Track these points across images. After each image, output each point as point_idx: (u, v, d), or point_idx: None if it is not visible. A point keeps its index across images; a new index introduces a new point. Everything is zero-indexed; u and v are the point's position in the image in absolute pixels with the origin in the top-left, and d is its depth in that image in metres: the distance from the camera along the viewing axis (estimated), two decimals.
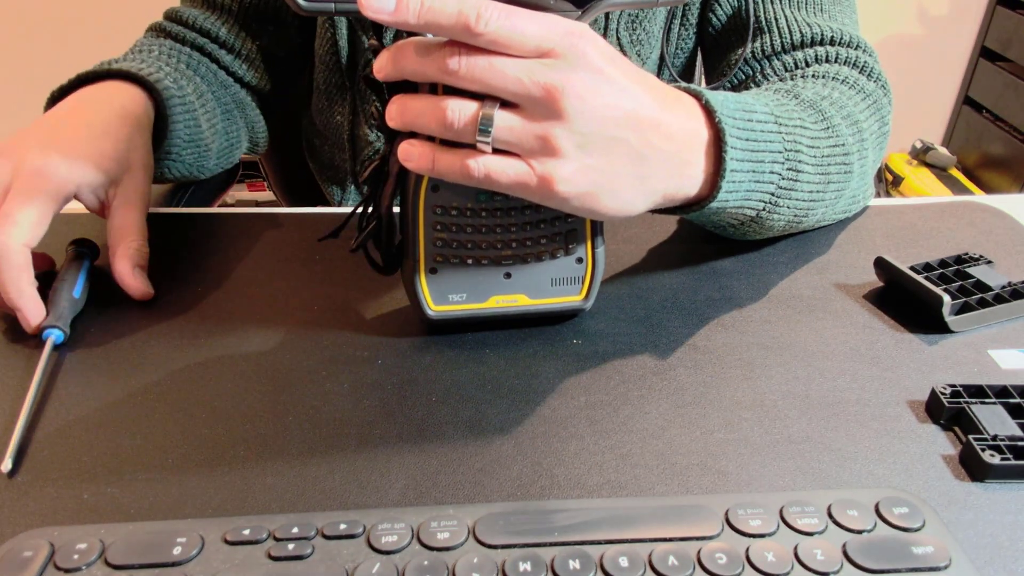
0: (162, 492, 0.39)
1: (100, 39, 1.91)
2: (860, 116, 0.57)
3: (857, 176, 0.57)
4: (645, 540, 0.35)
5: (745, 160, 0.47)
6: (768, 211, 0.51)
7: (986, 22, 2.09)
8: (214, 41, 0.72)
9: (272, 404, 0.45)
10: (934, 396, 0.44)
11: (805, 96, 0.56)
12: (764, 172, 0.49)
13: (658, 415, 0.44)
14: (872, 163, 0.60)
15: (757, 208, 0.51)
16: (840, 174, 0.55)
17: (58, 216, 0.51)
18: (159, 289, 0.54)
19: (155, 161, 0.59)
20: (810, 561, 0.34)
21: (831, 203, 0.56)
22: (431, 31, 0.37)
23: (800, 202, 0.53)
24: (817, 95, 0.56)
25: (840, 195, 0.57)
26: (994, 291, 0.52)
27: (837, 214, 0.60)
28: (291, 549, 0.34)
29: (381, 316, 0.52)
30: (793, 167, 0.50)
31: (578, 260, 0.49)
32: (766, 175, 0.49)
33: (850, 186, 0.57)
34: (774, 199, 0.51)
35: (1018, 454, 0.40)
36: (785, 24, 0.66)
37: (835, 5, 0.68)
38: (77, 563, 0.34)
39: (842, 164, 0.54)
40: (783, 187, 0.50)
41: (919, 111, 2.23)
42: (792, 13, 0.66)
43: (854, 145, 0.55)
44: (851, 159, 0.55)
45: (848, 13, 0.69)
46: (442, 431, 0.43)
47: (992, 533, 0.37)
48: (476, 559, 0.34)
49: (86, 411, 0.44)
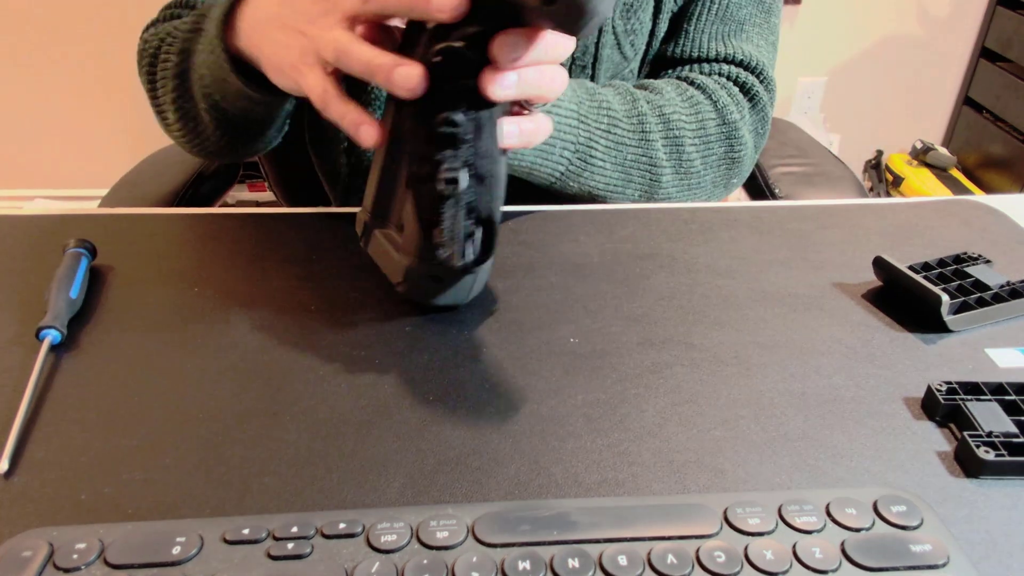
0: (160, 492, 0.39)
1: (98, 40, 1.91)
2: (688, 135, 0.68)
3: (672, 183, 0.69)
4: (644, 539, 0.35)
5: None
6: (560, 185, 0.65)
7: (986, 22, 2.09)
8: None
9: (270, 404, 0.45)
10: (930, 393, 0.44)
11: (641, 108, 0.66)
12: (554, 155, 0.62)
13: (655, 413, 0.44)
14: (709, 180, 0.71)
15: (549, 180, 0.64)
16: (646, 179, 0.68)
17: (54, 217, 0.51)
18: (158, 289, 0.54)
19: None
20: (809, 559, 0.34)
21: (644, 192, 0.68)
22: None
23: (596, 184, 0.66)
24: (655, 108, 0.67)
25: (653, 189, 0.68)
26: (992, 290, 0.52)
27: (671, 199, 0.70)
28: (290, 548, 0.34)
29: (379, 316, 0.52)
30: (583, 157, 0.64)
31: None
32: (555, 157, 0.62)
33: (663, 187, 0.69)
34: (563, 177, 0.64)
35: (1013, 450, 0.40)
36: (706, 39, 0.73)
37: (759, 33, 0.75)
38: (76, 563, 0.34)
39: (647, 169, 0.67)
40: (572, 170, 0.64)
41: (919, 111, 2.23)
42: (718, 28, 0.73)
43: (667, 160, 0.68)
44: (661, 170, 0.68)
45: (767, 43, 0.76)
46: (440, 430, 0.43)
47: (988, 529, 0.37)
48: (475, 558, 0.34)
49: (84, 411, 0.44)
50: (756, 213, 0.65)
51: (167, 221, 0.63)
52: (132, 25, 1.88)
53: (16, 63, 1.94)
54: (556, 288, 0.55)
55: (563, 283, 0.56)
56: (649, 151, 0.66)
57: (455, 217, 0.45)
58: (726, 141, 0.70)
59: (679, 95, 0.70)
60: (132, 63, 0.70)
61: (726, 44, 0.73)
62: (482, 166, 0.44)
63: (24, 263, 0.57)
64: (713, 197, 0.73)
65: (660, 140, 0.67)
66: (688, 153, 0.68)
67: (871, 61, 2.13)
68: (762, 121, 0.74)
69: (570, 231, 0.62)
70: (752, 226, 0.63)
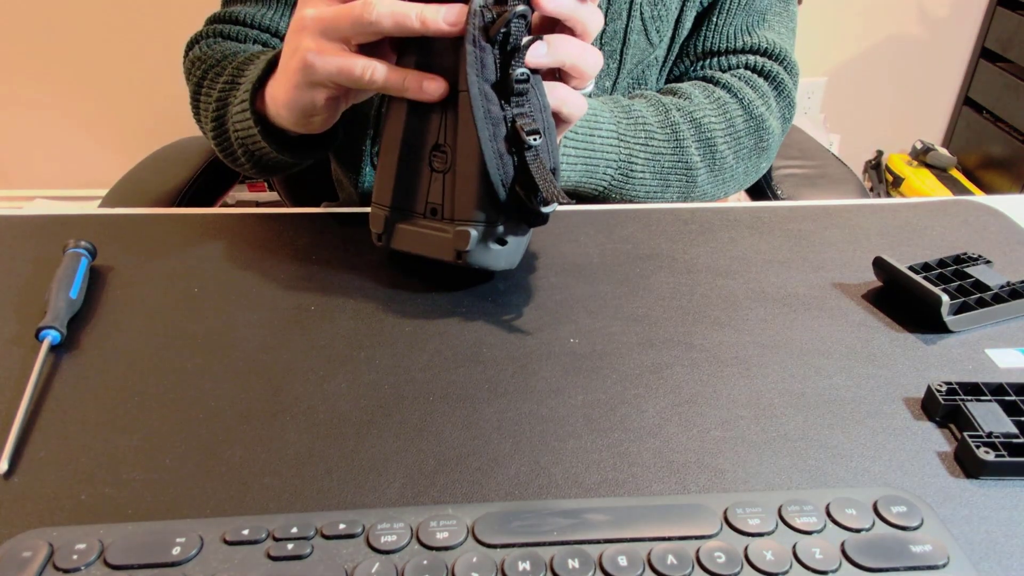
0: (160, 492, 0.39)
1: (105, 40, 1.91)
2: (718, 137, 0.72)
3: (707, 182, 0.74)
4: (644, 539, 0.35)
5: (578, 162, 0.66)
6: (605, 195, 0.70)
7: (986, 22, 2.09)
8: (275, 36, 0.72)
9: (270, 404, 0.45)
10: (930, 393, 0.44)
11: (673, 117, 0.70)
12: (598, 173, 0.68)
13: (655, 413, 0.44)
14: (741, 171, 0.76)
15: (593, 193, 0.70)
16: (683, 182, 0.72)
17: (55, 217, 0.51)
18: (158, 289, 0.54)
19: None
20: (809, 560, 0.34)
21: (682, 193, 0.73)
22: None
23: (637, 193, 0.71)
24: (686, 115, 0.71)
25: (689, 189, 0.73)
26: (993, 291, 0.52)
27: (707, 196, 0.75)
28: (290, 549, 0.34)
29: (379, 316, 0.52)
30: (624, 172, 0.69)
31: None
32: (599, 175, 0.68)
33: (698, 186, 0.73)
34: (606, 191, 0.70)
35: (1013, 451, 0.40)
36: (732, 32, 0.77)
37: (780, 20, 0.79)
38: (76, 563, 0.34)
39: (684, 173, 0.72)
40: (614, 185, 0.69)
41: (919, 112, 2.23)
42: (743, 20, 0.77)
43: (701, 162, 0.72)
44: (696, 172, 0.72)
45: (788, 30, 0.80)
46: (440, 430, 0.43)
47: (988, 530, 0.37)
48: (475, 558, 0.34)
49: (83, 412, 0.44)
50: (756, 213, 0.65)
51: (167, 221, 0.63)
52: (133, 25, 1.88)
53: (16, 63, 1.94)
54: (556, 288, 0.55)
55: (563, 283, 0.56)
56: (684, 156, 0.71)
57: (541, 167, 0.48)
58: (755, 134, 0.74)
59: (707, 98, 0.73)
60: (132, 63, 0.70)
61: (751, 35, 0.76)
62: (544, 119, 0.49)
63: (24, 263, 0.57)
64: (745, 185, 0.79)
65: (693, 145, 0.71)
66: (720, 152, 0.72)
67: (871, 61, 2.13)
68: (788, 106, 0.78)
69: (570, 231, 0.62)
70: (752, 226, 0.63)
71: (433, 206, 0.52)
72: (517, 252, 0.54)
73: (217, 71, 0.66)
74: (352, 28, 0.48)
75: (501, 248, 0.52)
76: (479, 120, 0.47)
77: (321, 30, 0.49)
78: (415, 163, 0.51)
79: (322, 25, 0.49)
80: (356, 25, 0.47)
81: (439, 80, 0.48)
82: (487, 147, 0.47)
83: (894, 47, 2.12)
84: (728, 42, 0.77)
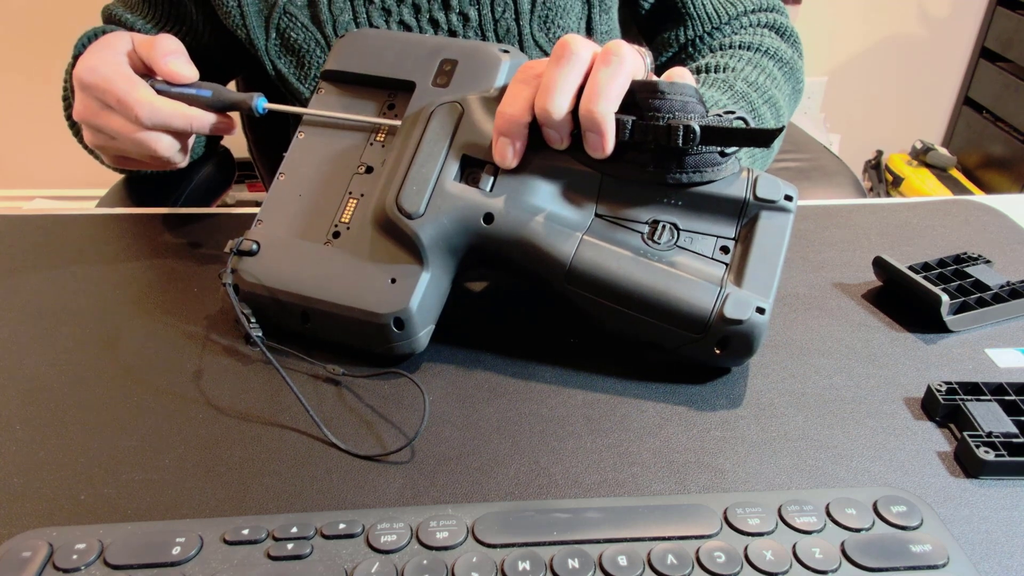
0: (159, 492, 0.39)
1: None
2: (778, 94, 0.68)
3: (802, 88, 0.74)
4: (644, 539, 0.35)
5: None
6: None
7: (986, 22, 2.08)
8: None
9: (269, 404, 0.45)
10: (930, 393, 0.44)
11: (738, 88, 0.64)
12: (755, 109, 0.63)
13: (655, 413, 0.44)
14: (788, 117, 0.73)
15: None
16: (799, 86, 0.72)
17: (55, 217, 0.50)
18: (156, 289, 0.54)
19: None
20: (809, 560, 0.34)
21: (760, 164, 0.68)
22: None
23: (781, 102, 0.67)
24: (746, 83, 0.66)
25: (765, 160, 0.68)
26: (992, 290, 0.52)
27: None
28: (290, 549, 0.34)
29: None
30: (769, 103, 0.65)
31: None
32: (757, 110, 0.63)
33: (772, 151, 0.69)
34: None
35: (1013, 451, 0.40)
36: (711, 7, 0.74)
37: None
38: (76, 563, 0.34)
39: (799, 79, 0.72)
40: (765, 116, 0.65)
41: (919, 111, 2.23)
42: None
43: (772, 120, 0.67)
44: (800, 75, 0.72)
45: None
46: (440, 430, 0.43)
47: (987, 529, 0.37)
48: (475, 558, 0.34)
49: (83, 412, 0.44)
50: None
51: (167, 221, 0.63)
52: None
53: (16, 63, 1.94)
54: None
55: None
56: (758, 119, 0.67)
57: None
58: (791, 79, 0.73)
59: (740, 61, 0.70)
60: None
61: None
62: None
63: (24, 263, 0.57)
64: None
65: (765, 107, 0.67)
66: (780, 106, 0.69)
67: (871, 61, 2.13)
68: (796, 43, 0.77)
69: None
70: None
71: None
72: None
73: (69, 71, 0.68)
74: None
75: None
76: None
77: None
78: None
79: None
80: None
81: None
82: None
83: (894, 47, 2.12)
84: (728, 9, 0.75)
